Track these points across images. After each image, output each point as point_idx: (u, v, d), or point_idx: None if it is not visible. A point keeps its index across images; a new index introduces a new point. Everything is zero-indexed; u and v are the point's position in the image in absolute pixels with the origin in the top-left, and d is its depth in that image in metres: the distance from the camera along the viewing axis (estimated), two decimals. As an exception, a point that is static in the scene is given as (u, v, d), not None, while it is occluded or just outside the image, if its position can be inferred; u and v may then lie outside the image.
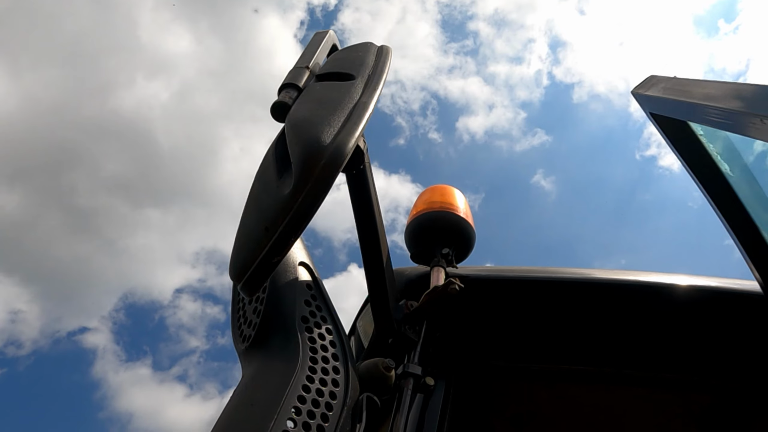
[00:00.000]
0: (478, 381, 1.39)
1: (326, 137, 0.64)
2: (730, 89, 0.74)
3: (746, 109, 0.66)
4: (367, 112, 0.70)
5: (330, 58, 0.89)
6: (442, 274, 1.26)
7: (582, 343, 1.40)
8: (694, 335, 1.37)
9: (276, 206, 0.63)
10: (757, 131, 0.64)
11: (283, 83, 0.77)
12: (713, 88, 0.78)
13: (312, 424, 0.75)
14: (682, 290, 1.34)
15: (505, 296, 1.36)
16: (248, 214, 0.71)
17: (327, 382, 0.83)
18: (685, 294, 1.34)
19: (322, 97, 0.71)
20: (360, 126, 0.67)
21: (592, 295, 1.35)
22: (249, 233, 0.68)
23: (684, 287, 1.33)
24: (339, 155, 0.64)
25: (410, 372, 1.08)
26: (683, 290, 1.34)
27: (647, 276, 1.37)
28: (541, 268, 1.45)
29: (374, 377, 1.00)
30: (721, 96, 0.73)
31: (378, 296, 1.19)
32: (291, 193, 0.62)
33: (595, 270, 1.40)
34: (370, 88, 0.76)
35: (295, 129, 0.67)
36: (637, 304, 1.34)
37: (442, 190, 1.42)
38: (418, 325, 1.21)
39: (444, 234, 1.32)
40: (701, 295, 1.33)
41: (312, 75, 0.81)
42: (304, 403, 0.77)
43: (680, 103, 0.85)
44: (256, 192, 0.72)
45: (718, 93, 0.75)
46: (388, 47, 0.93)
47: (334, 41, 0.95)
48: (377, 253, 1.14)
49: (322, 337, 0.92)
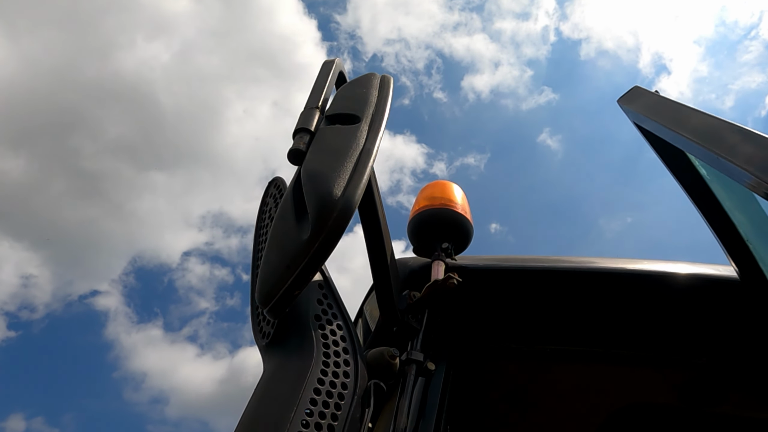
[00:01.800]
0: (476, 362, 1.52)
1: (337, 191, 0.74)
2: (702, 122, 0.82)
3: (714, 148, 0.74)
4: (370, 160, 0.80)
5: (337, 95, 0.98)
6: (441, 267, 1.37)
7: (571, 326, 1.51)
8: (675, 317, 1.48)
9: (296, 249, 0.74)
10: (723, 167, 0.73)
11: (297, 128, 0.86)
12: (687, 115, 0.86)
13: (327, 413, 0.86)
14: (663, 277, 1.46)
15: (499, 284, 1.47)
16: (272, 250, 0.82)
17: (339, 374, 0.95)
18: (665, 280, 1.45)
19: (331, 147, 0.81)
20: (365, 177, 0.78)
21: (579, 282, 1.46)
22: (273, 269, 0.80)
23: (664, 274, 1.44)
24: (348, 209, 0.75)
25: (413, 359, 1.20)
26: (664, 277, 1.46)
27: (630, 264, 1.47)
28: (532, 257, 1.56)
29: (380, 365, 1.12)
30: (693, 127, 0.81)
31: (383, 289, 1.30)
32: (309, 240, 0.73)
33: (581, 258, 1.51)
34: (373, 132, 0.85)
35: (310, 182, 0.77)
36: (621, 290, 1.45)
37: (442, 187, 1.52)
38: (420, 315, 1.32)
39: (443, 230, 1.43)
40: (680, 280, 1.44)
41: (322, 116, 0.90)
42: (320, 394, 0.88)
43: (657, 125, 0.93)
44: (278, 232, 0.83)
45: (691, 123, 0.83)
46: (388, 78, 1.01)
47: (340, 69, 1.03)
48: (382, 251, 1.25)
49: (333, 333, 1.03)
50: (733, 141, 0.71)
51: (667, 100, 0.95)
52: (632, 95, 1.08)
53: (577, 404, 1.72)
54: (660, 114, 0.93)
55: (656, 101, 0.98)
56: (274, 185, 1.34)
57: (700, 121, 0.81)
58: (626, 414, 1.75)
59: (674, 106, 0.91)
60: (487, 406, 1.67)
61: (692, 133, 0.81)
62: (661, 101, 0.96)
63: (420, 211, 1.47)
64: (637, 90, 1.09)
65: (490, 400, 1.66)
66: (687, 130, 0.83)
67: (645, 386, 1.67)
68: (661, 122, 0.90)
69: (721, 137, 0.75)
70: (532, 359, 1.57)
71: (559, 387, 1.67)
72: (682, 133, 0.83)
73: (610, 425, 1.78)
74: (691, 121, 0.84)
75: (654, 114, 0.94)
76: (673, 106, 0.92)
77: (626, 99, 1.09)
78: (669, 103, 0.94)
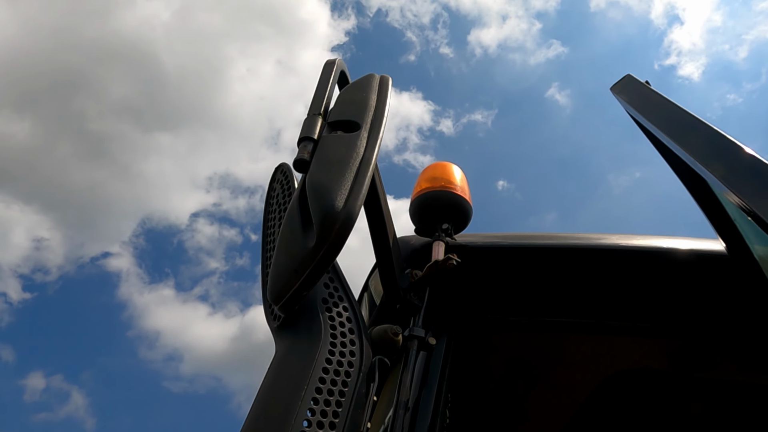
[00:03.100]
0: (475, 335, 1.61)
1: (339, 204, 0.81)
2: (680, 120, 0.86)
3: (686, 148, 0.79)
4: (369, 169, 0.86)
5: (339, 99, 1.02)
6: (442, 247, 1.44)
7: (565, 299, 1.59)
8: (665, 290, 1.55)
9: (303, 256, 0.82)
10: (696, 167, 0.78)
11: (301, 136, 0.92)
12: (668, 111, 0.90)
13: (335, 390, 0.95)
14: (653, 252, 1.52)
15: (497, 261, 1.54)
16: (281, 253, 0.89)
17: (345, 353, 1.03)
18: (655, 255, 1.52)
19: (333, 157, 0.87)
20: (364, 187, 0.84)
21: (572, 258, 1.53)
22: (282, 272, 0.87)
23: (654, 249, 1.51)
24: (349, 221, 0.82)
25: (415, 335, 1.28)
26: (653, 252, 1.52)
27: (620, 239, 1.54)
28: (528, 234, 1.63)
29: (384, 342, 1.20)
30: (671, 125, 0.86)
31: (386, 270, 1.37)
32: (314, 248, 0.80)
33: (574, 234, 1.58)
34: (372, 139, 0.91)
35: (313, 194, 0.83)
36: (612, 265, 1.52)
37: (443, 169, 1.57)
38: (421, 292, 1.40)
39: (443, 211, 1.49)
40: (669, 255, 1.51)
41: (324, 123, 0.95)
42: (328, 373, 0.96)
43: (641, 118, 0.97)
44: (286, 237, 0.89)
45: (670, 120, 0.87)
46: (387, 79, 1.05)
47: (342, 69, 1.07)
48: (384, 236, 1.32)
49: (340, 314, 1.10)
50: (707, 147, 0.75)
51: (653, 93, 0.99)
52: (624, 84, 1.12)
53: (572, 371, 1.82)
54: (644, 108, 0.97)
55: (644, 94, 1.01)
56: (280, 171, 1.40)
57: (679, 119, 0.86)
58: (619, 379, 1.84)
59: (658, 101, 0.95)
60: (486, 375, 1.76)
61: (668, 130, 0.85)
62: (647, 94, 1.00)
63: (421, 192, 1.52)
64: (628, 79, 1.12)
65: (489, 370, 1.76)
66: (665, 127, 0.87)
67: (636, 354, 1.76)
68: (645, 116, 0.95)
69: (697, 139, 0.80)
70: (529, 331, 1.66)
71: (555, 356, 1.76)
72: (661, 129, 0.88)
73: (603, 390, 1.88)
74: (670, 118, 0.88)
75: (640, 106, 0.98)
76: (657, 101, 0.95)
77: (618, 87, 1.12)
78: (654, 97, 0.97)
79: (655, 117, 0.92)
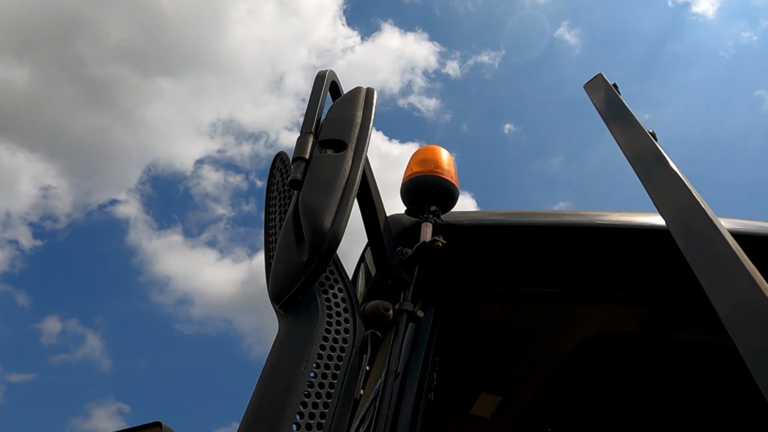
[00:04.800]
0: (460, 303, 1.76)
1: (326, 225, 0.95)
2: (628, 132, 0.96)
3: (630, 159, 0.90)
4: (354, 188, 0.99)
5: (328, 116, 1.12)
6: (429, 228, 1.56)
7: (544, 270, 1.72)
8: (636, 262, 1.69)
9: (297, 267, 0.96)
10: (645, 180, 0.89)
11: (294, 156, 1.03)
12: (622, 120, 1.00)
13: (331, 364, 1.09)
14: (627, 227, 1.65)
15: (480, 237, 1.67)
16: (279, 263, 1.02)
17: (340, 331, 1.17)
18: (629, 230, 1.65)
19: (321, 178, 0.99)
20: (348, 208, 0.97)
21: (550, 235, 1.66)
22: (281, 277, 1.01)
23: (625, 224, 1.64)
24: (335, 240, 0.97)
25: (404, 309, 1.42)
26: (627, 226, 1.65)
27: (594, 217, 1.67)
28: (509, 211, 1.75)
29: (376, 317, 1.34)
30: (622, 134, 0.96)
31: (378, 249, 1.51)
32: (307, 262, 0.94)
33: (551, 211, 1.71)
34: (356, 159, 1.03)
35: (305, 215, 0.96)
36: (587, 240, 1.65)
37: (432, 153, 1.68)
38: (411, 269, 1.54)
39: (432, 194, 1.61)
40: (640, 230, 1.63)
41: (315, 141, 1.06)
42: (325, 349, 1.11)
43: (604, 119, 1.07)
44: (283, 248, 1.02)
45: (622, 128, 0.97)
46: (372, 92, 1.15)
47: (333, 79, 1.17)
48: (375, 220, 1.44)
49: (335, 296, 1.24)
50: (648, 164, 0.86)
51: (615, 99, 1.08)
52: (595, 84, 1.21)
53: (552, 334, 1.98)
54: (606, 111, 1.07)
55: (608, 97, 1.11)
56: (279, 159, 1.51)
57: (628, 132, 0.96)
58: (595, 341, 2.01)
59: (617, 107, 1.05)
60: (472, 340, 1.93)
61: (619, 138, 0.96)
62: (610, 99, 1.09)
63: (411, 177, 1.64)
64: (599, 79, 1.21)
65: (474, 334, 1.92)
66: (618, 133, 0.98)
67: (611, 319, 1.92)
68: (605, 119, 1.05)
69: (639, 156, 0.90)
70: (511, 299, 1.81)
71: (535, 321, 1.92)
72: (613, 135, 0.98)
73: (581, 350, 2.06)
74: (622, 126, 0.98)
75: (603, 109, 1.08)
76: (616, 107, 1.05)
77: (590, 86, 1.21)
78: (615, 103, 1.07)
79: (612, 122, 1.02)
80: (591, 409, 2.51)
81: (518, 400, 2.37)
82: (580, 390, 2.37)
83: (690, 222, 0.85)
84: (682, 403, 2.27)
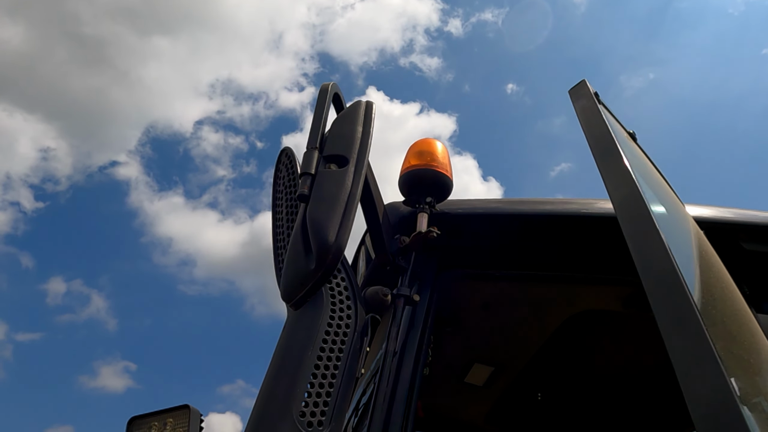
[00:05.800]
0: (454, 285, 1.89)
1: (331, 238, 1.05)
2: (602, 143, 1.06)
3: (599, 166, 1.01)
4: (355, 202, 1.10)
5: (330, 132, 1.22)
6: (425, 218, 1.68)
7: (533, 254, 1.85)
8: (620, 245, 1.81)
9: (305, 274, 1.07)
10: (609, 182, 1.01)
11: (301, 171, 1.14)
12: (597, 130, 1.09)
13: (335, 348, 1.23)
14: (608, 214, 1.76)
15: (472, 224, 1.79)
16: (289, 267, 1.14)
17: (343, 317, 1.31)
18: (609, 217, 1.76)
19: (326, 194, 1.10)
20: (350, 221, 1.08)
21: (538, 221, 1.78)
22: (291, 280, 1.12)
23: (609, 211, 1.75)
24: (339, 252, 1.08)
25: (402, 293, 1.56)
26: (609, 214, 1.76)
27: (581, 206, 1.78)
28: (501, 199, 1.87)
29: (375, 302, 1.48)
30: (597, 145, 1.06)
31: (377, 239, 1.63)
32: (314, 270, 1.05)
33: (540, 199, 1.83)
34: (357, 174, 1.13)
35: (312, 228, 1.07)
36: (573, 226, 1.77)
37: (428, 146, 1.78)
38: (407, 256, 1.66)
39: (427, 186, 1.71)
40: None
41: (320, 156, 1.16)
42: (329, 335, 1.24)
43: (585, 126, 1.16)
44: (292, 254, 1.14)
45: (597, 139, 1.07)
46: (371, 106, 1.24)
47: (335, 91, 1.26)
48: (374, 212, 1.56)
49: (338, 285, 1.37)
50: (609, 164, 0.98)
51: (594, 108, 1.17)
52: (578, 90, 1.29)
53: (539, 312, 2.12)
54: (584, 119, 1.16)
55: (587, 106, 1.19)
56: (285, 154, 1.61)
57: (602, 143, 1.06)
58: (580, 318, 2.16)
59: (594, 118, 1.14)
60: (466, 316, 2.07)
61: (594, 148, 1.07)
62: (589, 108, 1.18)
63: (408, 169, 1.74)
64: (582, 86, 1.29)
65: (467, 313, 2.06)
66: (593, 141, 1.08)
67: (595, 298, 2.06)
68: (583, 127, 1.14)
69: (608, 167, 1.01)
70: (501, 281, 1.94)
71: (524, 301, 2.06)
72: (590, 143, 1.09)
73: (567, 327, 2.21)
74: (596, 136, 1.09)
75: (582, 118, 1.18)
76: (593, 117, 1.14)
77: (574, 92, 1.30)
78: (593, 112, 1.16)
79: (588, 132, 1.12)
80: (577, 378, 2.68)
81: (509, 370, 2.55)
82: (567, 361, 2.54)
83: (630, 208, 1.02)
84: (660, 374, 2.44)
